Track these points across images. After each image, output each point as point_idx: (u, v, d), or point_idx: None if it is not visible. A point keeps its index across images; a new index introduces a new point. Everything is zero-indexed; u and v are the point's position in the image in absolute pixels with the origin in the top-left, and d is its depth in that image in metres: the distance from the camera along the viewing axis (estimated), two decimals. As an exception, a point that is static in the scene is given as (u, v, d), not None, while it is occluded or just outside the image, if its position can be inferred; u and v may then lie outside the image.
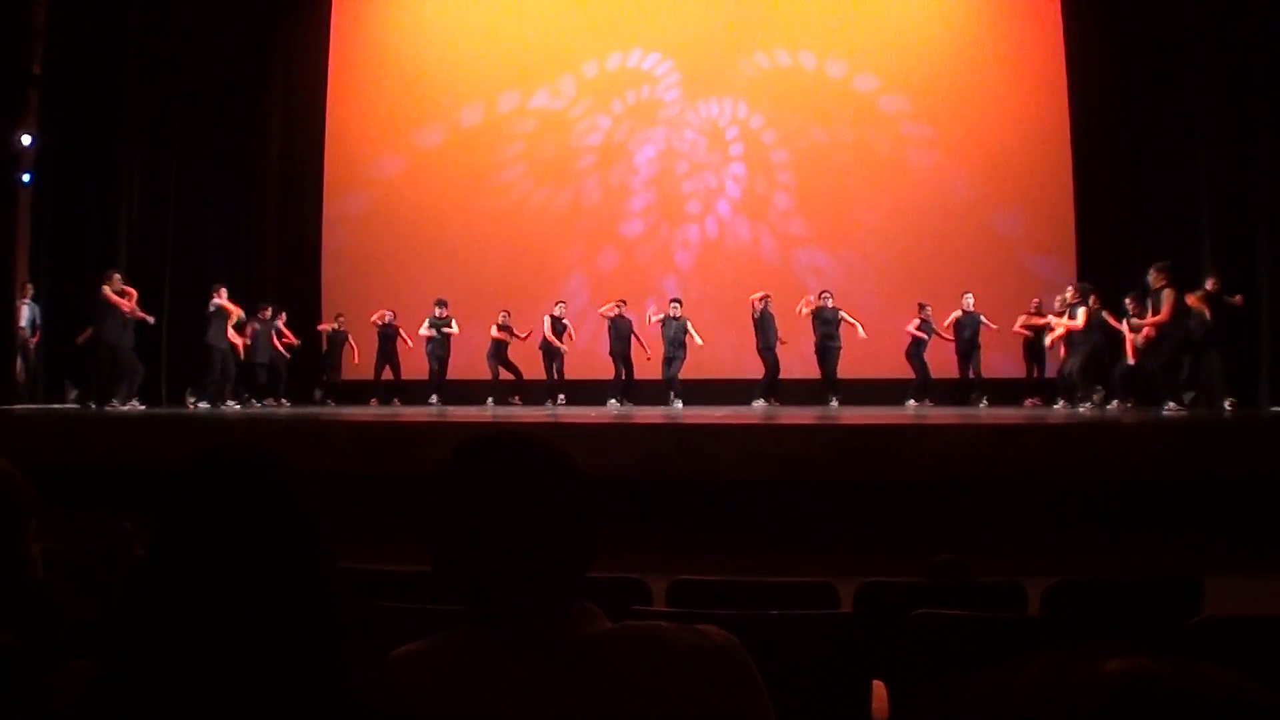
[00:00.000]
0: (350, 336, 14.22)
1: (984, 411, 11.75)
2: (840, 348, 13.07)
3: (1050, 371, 13.17)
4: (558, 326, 13.70)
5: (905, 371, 13.28)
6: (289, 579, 1.27)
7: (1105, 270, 13.11)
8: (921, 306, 13.21)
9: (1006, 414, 10.87)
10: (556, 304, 13.83)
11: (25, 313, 12.74)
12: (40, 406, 12.32)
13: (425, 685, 1.33)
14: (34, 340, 12.91)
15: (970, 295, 13.11)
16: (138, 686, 1.22)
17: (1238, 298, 11.00)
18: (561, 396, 13.63)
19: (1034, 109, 14.24)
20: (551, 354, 13.64)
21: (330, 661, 1.27)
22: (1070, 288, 12.26)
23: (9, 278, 12.57)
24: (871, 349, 13.87)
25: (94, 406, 11.76)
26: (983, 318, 13.09)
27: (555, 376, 13.71)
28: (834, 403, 12.80)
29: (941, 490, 7.76)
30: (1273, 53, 11.48)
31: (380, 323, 13.90)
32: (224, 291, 12.83)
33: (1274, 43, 11.45)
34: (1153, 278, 11.10)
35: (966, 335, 13.05)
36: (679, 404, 12.88)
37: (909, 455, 8.10)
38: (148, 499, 1.37)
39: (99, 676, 1.28)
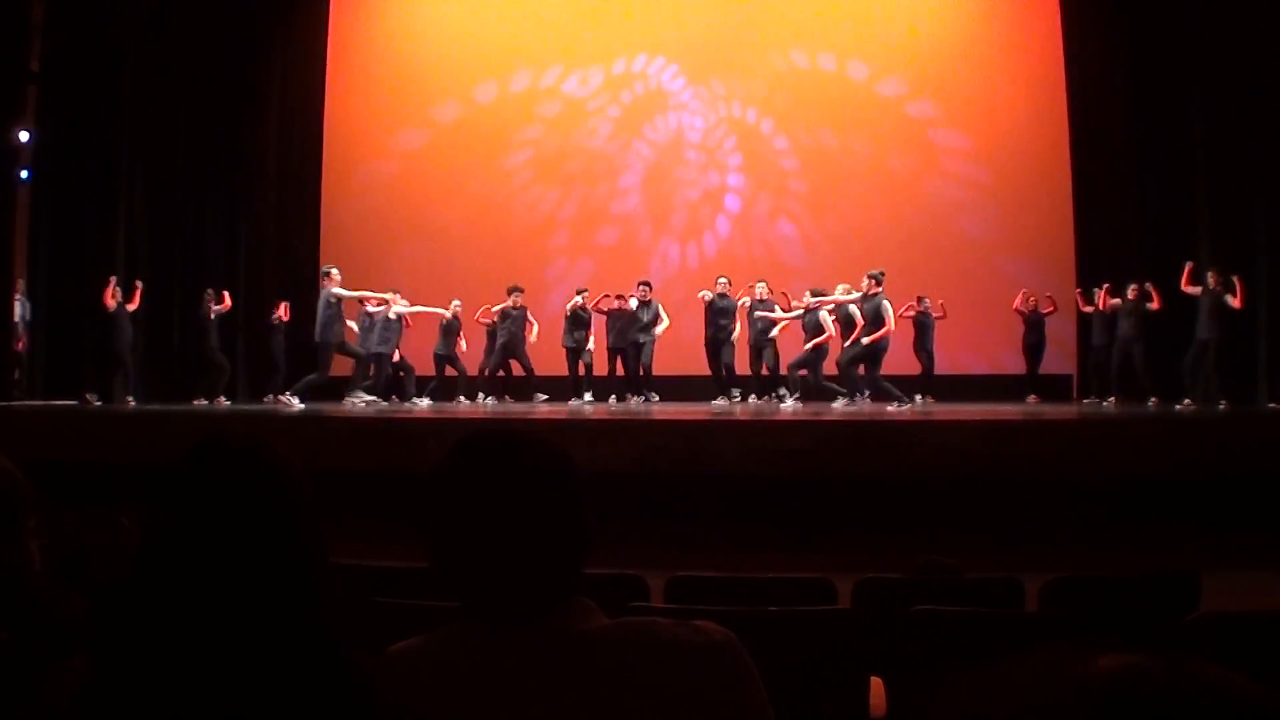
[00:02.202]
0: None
1: (982, 409, 11.69)
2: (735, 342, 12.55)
3: (1054, 368, 13.23)
4: (579, 318, 12.80)
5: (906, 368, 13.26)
6: (277, 571, 1.27)
7: (1104, 270, 13.08)
8: (920, 299, 13.07)
9: (1005, 410, 10.86)
10: (578, 292, 13.00)
11: (16, 309, 12.72)
12: (39, 403, 12.31)
13: (421, 681, 1.34)
14: (23, 337, 12.89)
15: (763, 283, 12.66)
16: (132, 681, 1.22)
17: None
18: (588, 395, 12.71)
19: (1032, 109, 14.21)
20: (576, 350, 12.85)
21: (322, 654, 1.27)
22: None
23: (7, 275, 12.56)
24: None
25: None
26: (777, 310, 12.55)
27: (581, 373, 12.94)
28: (733, 396, 12.29)
29: (940, 486, 7.77)
30: (1273, 51, 11.47)
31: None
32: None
33: (1274, 41, 11.44)
34: (867, 285, 11.23)
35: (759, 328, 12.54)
36: (655, 398, 12.49)
37: (907, 451, 8.11)
38: (146, 494, 1.37)
39: (94, 672, 1.28)
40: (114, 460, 8.43)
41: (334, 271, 11.99)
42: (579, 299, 12.88)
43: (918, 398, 12.71)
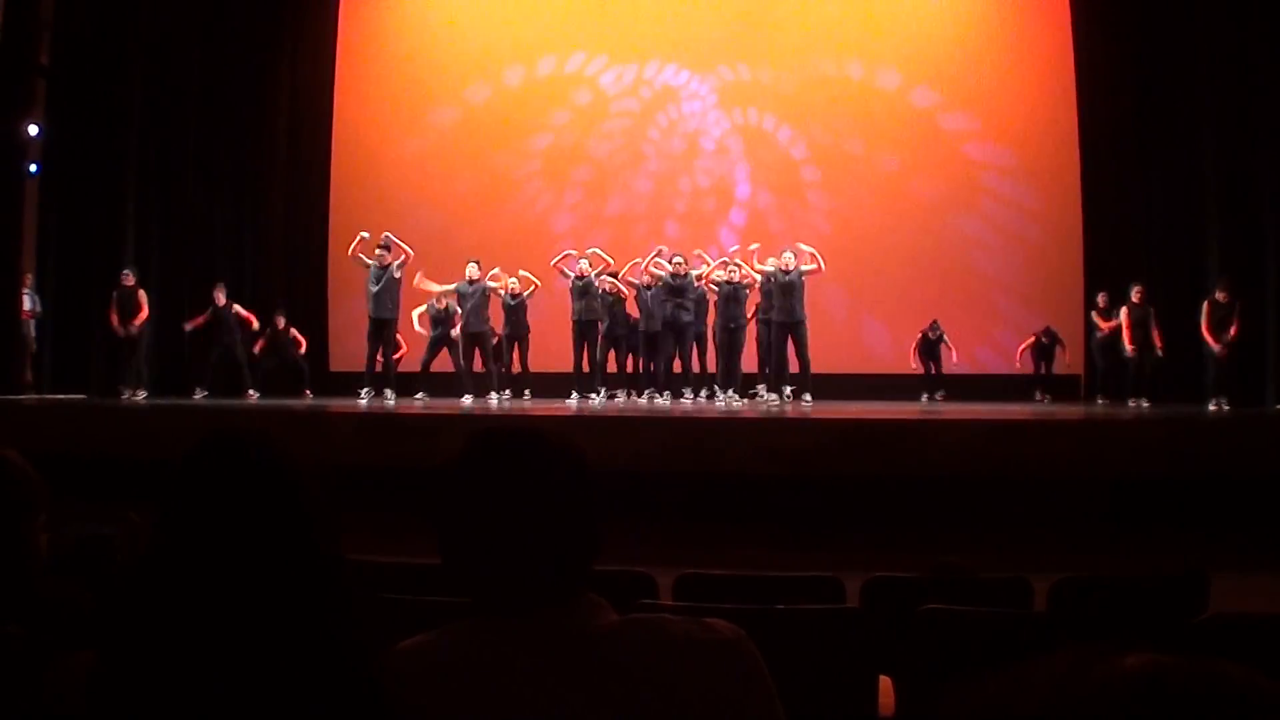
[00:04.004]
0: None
1: (991, 408, 11.65)
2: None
3: (1063, 368, 13.23)
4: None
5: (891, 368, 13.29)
6: (287, 566, 1.26)
7: (1112, 270, 13.05)
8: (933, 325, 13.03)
9: (1014, 410, 10.83)
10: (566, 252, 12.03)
11: (25, 302, 12.73)
12: (47, 397, 12.34)
13: (431, 677, 1.33)
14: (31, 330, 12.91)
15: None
16: (140, 675, 1.22)
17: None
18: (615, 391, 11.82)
19: (1042, 108, 14.17)
20: (586, 333, 11.71)
21: (332, 650, 1.26)
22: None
23: (15, 270, 12.58)
24: (878, 347, 13.87)
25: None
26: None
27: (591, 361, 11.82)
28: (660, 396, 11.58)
29: (949, 485, 7.76)
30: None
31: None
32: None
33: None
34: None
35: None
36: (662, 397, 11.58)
37: (916, 450, 8.10)
38: (155, 489, 1.36)
39: (101, 666, 1.28)
40: (123, 455, 8.44)
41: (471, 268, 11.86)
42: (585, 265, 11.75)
43: (924, 396, 12.75)
